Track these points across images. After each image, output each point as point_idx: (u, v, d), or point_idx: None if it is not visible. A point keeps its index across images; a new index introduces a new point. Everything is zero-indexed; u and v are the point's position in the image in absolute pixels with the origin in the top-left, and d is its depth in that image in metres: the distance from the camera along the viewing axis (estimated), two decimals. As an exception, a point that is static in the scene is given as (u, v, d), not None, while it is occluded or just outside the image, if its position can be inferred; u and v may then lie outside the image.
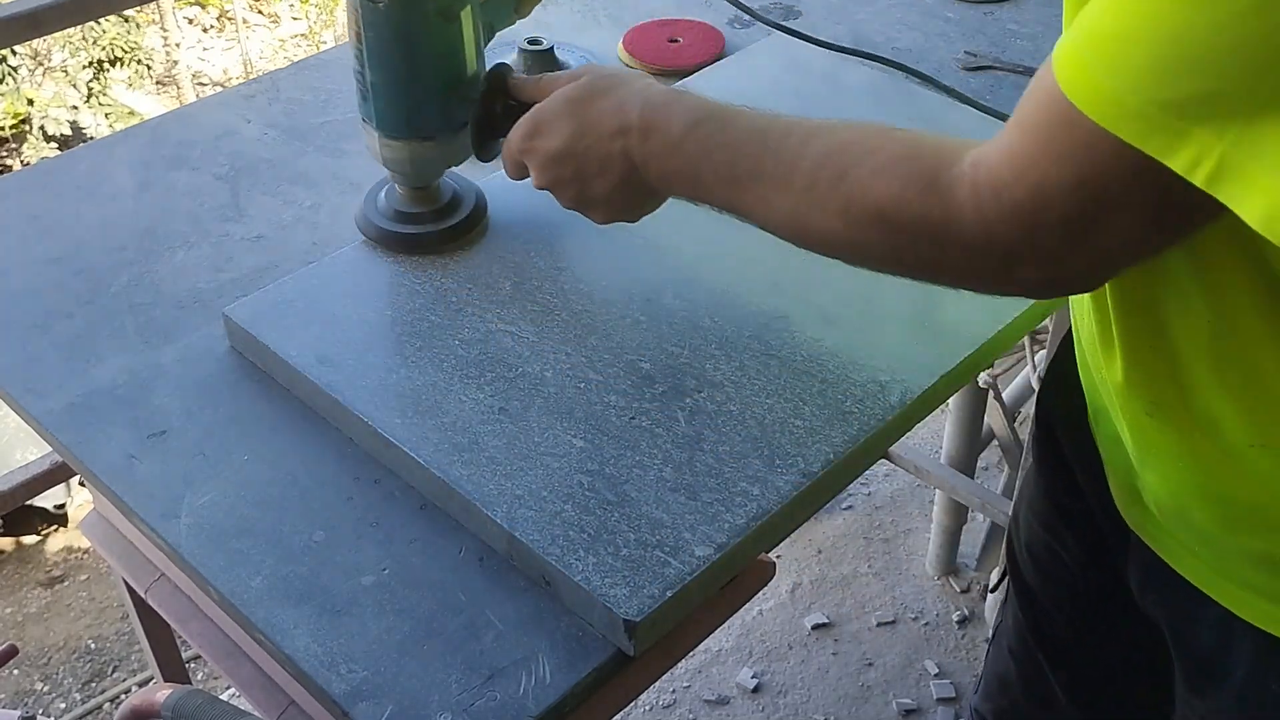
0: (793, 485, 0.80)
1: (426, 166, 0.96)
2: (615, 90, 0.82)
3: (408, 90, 0.91)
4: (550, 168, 0.85)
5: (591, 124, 0.81)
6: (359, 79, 0.92)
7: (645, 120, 0.79)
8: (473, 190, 1.03)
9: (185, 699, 0.81)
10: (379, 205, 1.00)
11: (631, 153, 0.80)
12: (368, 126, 0.94)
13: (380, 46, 0.89)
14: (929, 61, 1.31)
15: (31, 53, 6.33)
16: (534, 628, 0.74)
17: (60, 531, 3.50)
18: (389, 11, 0.87)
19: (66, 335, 0.97)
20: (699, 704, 1.91)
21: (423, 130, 0.93)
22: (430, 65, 0.91)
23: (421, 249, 0.98)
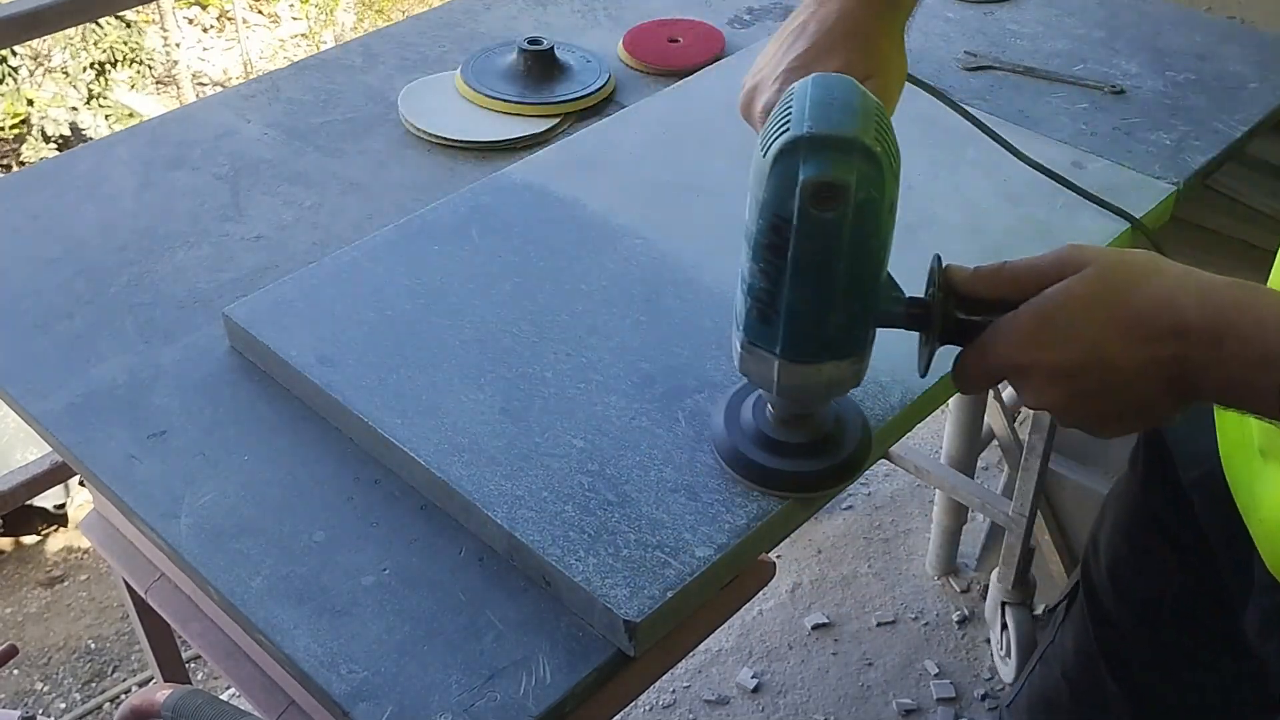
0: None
1: (839, 389, 0.76)
2: (1152, 281, 0.65)
3: (840, 306, 0.70)
4: (1065, 381, 0.66)
5: (1130, 325, 0.64)
6: (757, 297, 0.71)
7: (1214, 322, 0.63)
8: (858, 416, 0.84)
9: (185, 699, 0.81)
10: (743, 425, 0.82)
11: (1188, 360, 0.63)
12: (758, 351, 0.73)
13: (819, 263, 0.68)
14: (929, 61, 1.31)
15: (31, 53, 6.33)
16: (534, 628, 0.74)
17: (60, 531, 3.50)
18: (841, 220, 0.66)
19: (66, 335, 0.97)
20: (699, 704, 1.91)
21: (844, 350, 0.72)
22: (871, 273, 0.70)
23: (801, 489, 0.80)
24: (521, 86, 1.26)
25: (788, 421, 0.80)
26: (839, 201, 0.65)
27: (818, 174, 0.64)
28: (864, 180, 0.64)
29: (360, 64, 1.35)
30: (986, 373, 0.70)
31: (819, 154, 0.64)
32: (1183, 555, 0.94)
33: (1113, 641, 1.02)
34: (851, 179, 0.64)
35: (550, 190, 1.07)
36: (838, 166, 0.64)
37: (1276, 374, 0.62)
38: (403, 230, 1.02)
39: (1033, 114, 1.21)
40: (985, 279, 0.70)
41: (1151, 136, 1.18)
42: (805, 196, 0.65)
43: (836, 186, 0.64)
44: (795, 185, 0.65)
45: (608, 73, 1.28)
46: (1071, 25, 1.38)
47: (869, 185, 0.65)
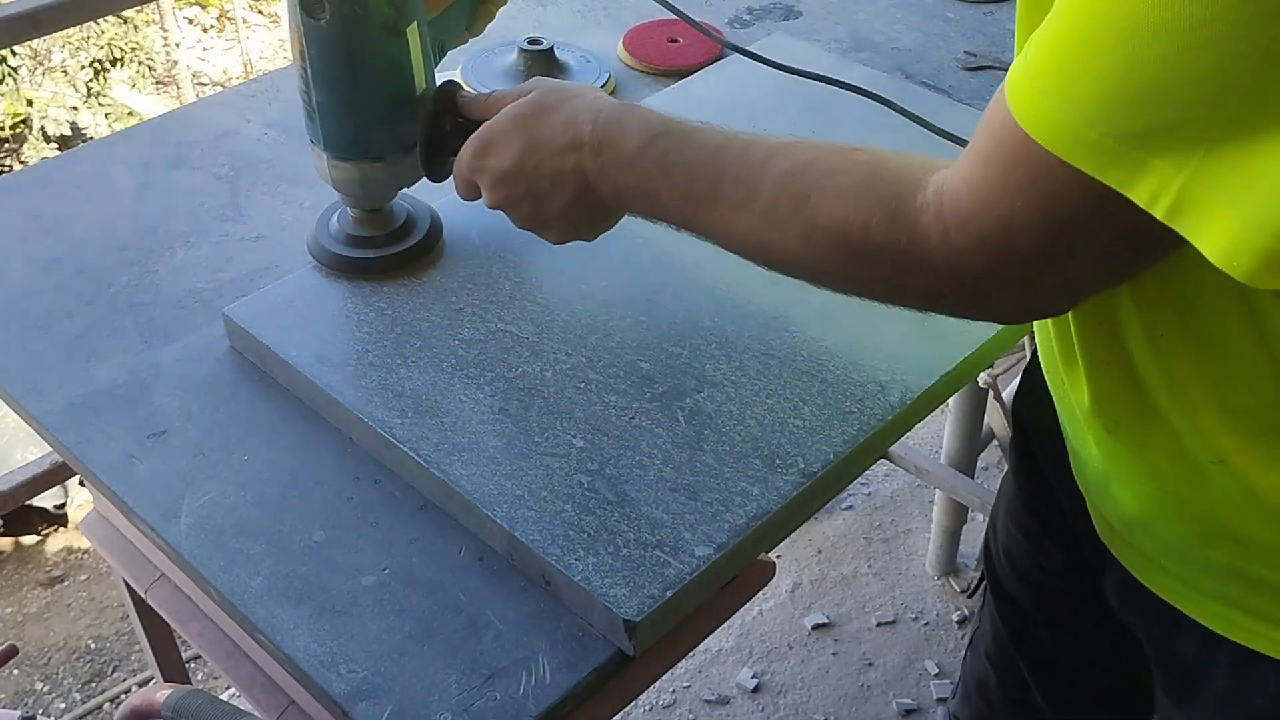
0: (793, 485, 0.80)
1: (377, 188, 0.93)
2: (565, 105, 0.79)
3: (354, 109, 0.88)
4: (501, 186, 0.83)
5: (542, 140, 0.79)
6: (305, 99, 0.89)
7: (598, 135, 0.77)
8: (427, 212, 1.00)
9: (185, 699, 0.81)
10: (331, 229, 0.98)
11: (584, 169, 0.78)
12: (315, 148, 0.91)
13: (324, 64, 0.86)
14: (929, 61, 1.31)
15: (31, 53, 6.33)
16: (534, 628, 0.74)
17: (60, 531, 3.50)
18: (332, 28, 0.84)
19: (66, 335, 0.97)
20: (699, 704, 1.91)
21: (371, 150, 0.90)
22: (376, 83, 0.87)
23: (375, 273, 0.95)
24: (521, 86, 1.26)
25: (359, 218, 0.96)
26: (322, 10, 0.82)
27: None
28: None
29: (360, 64, 1.35)
30: (460, 178, 0.86)
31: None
32: (1054, 534, 0.96)
33: (1016, 620, 1.05)
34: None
35: (550, 190, 1.07)
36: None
37: (632, 174, 0.75)
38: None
39: (1032, 114, 1.21)
40: (475, 102, 0.88)
41: (1151, 136, 1.18)
42: (300, 4, 0.82)
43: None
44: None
45: (608, 73, 1.28)
46: (1071, 25, 1.38)
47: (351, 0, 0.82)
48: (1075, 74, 0.50)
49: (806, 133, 1.09)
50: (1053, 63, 0.51)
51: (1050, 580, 0.99)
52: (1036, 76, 0.52)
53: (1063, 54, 0.50)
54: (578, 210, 0.81)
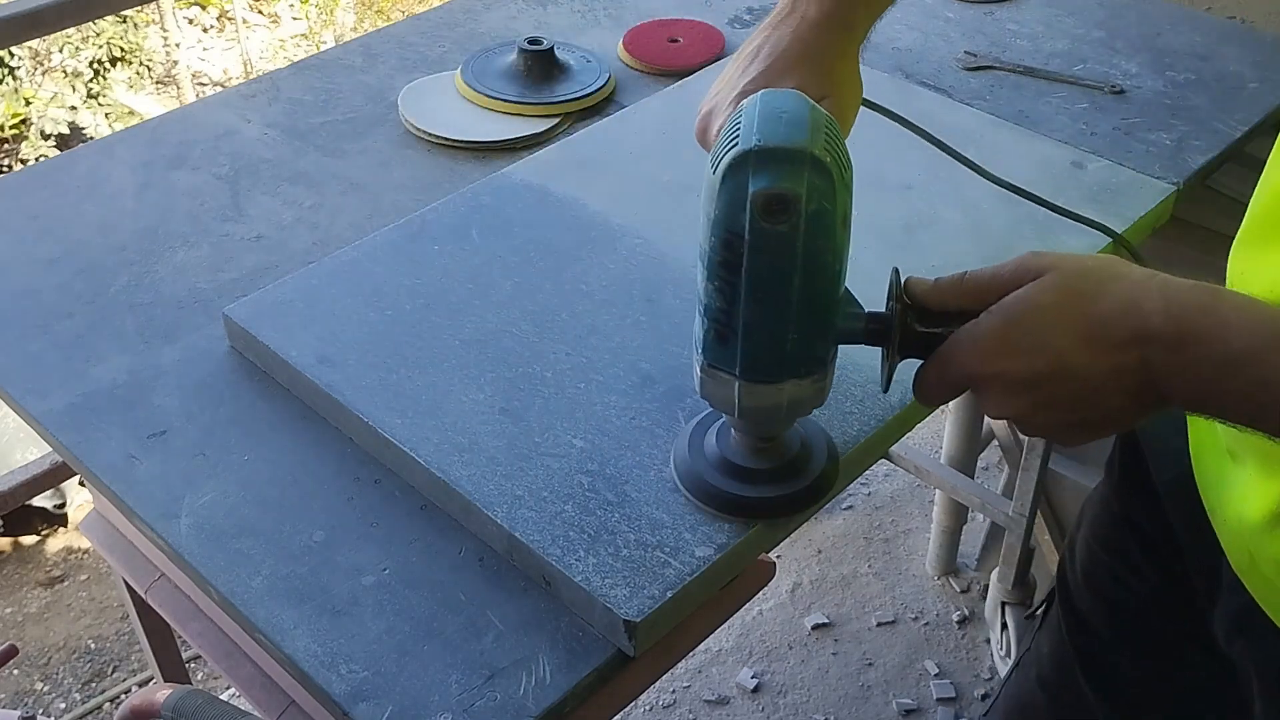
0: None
1: (800, 410, 0.74)
2: (1114, 286, 0.64)
3: (797, 323, 0.68)
4: (1029, 391, 0.65)
5: (1089, 334, 0.63)
6: (714, 317, 0.69)
7: (1178, 326, 0.62)
8: (823, 439, 0.82)
9: (185, 699, 0.81)
10: (707, 453, 0.80)
11: (1152, 366, 0.62)
12: (717, 374, 0.71)
13: (773, 277, 0.66)
14: (929, 61, 1.31)
15: (31, 53, 6.33)
16: (534, 628, 0.74)
17: (60, 531, 3.50)
18: (793, 233, 0.64)
19: (66, 335, 0.97)
20: (699, 704, 1.91)
21: (803, 369, 0.70)
22: (829, 287, 0.68)
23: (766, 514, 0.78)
24: (521, 86, 1.26)
25: (753, 446, 0.78)
26: (790, 213, 0.64)
27: (767, 185, 0.63)
28: (814, 191, 0.64)
29: (360, 64, 1.35)
30: (947, 384, 0.69)
31: (768, 166, 0.64)
32: (1155, 558, 0.94)
33: (1088, 646, 1.02)
34: (802, 190, 0.63)
35: (550, 190, 1.07)
36: (787, 177, 0.63)
37: (1240, 378, 0.61)
38: (403, 230, 1.02)
39: (1033, 114, 1.21)
40: (946, 290, 0.69)
41: (1151, 136, 1.18)
42: (756, 209, 0.64)
43: (786, 198, 0.64)
44: (745, 199, 0.64)
45: (608, 73, 1.28)
46: (1071, 25, 1.38)
47: (820, 196, 0.64)
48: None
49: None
50: None
51: (1139, 603, 0.96)
52: None
53: None
54: (1131, 410, 0.66)
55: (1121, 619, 0.99)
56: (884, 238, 1.01)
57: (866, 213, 1.04)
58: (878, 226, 1.02)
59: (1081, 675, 1.03)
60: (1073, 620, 1.03)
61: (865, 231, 1.02)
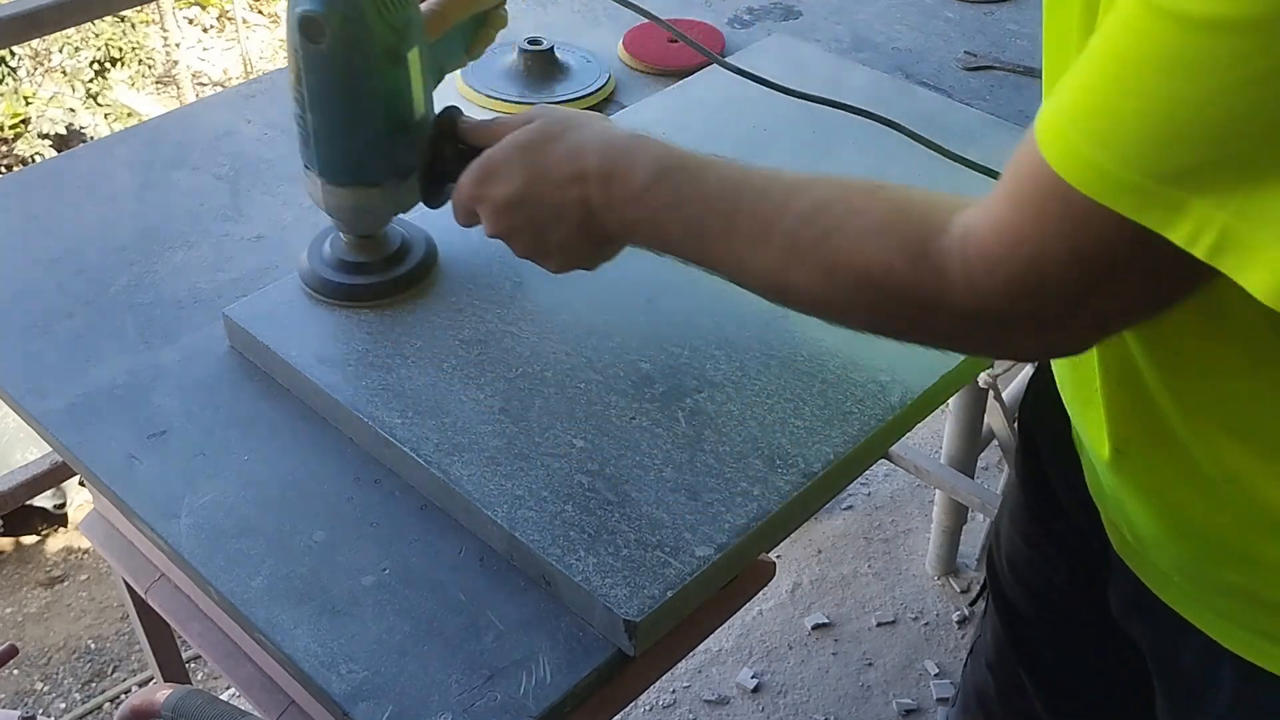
0: (793, 485, 0.80)
1: (373, 214, 0.91)
2: (570, 134, 0.77)
3: (352, 135, 0.85)
4: (502, 216, 0.80)
5: (545, 170, 0.77)
6: (300, 123, 0.86)
7: (605, 167, 0.75)
8: (423, 237, 0.98)
9: (185, 699, 0.81)
10: (324, 255, 0.95)
11: (589, 200, 0.75)
12: (310, 173, 0.88)
13: (322, 90, 0.83)
14: (929, 61, 1.31)
15: (31, 53, 6.33)
16: (534, 628, 0.74)
17: (60, 531, 3.50)
18: (332, 53, 0.81)
19: (66, 335, 0.97)
20: (699, 704, 1.91)
21: (368, 176, 0.87)
22: (376, 109, 0.84)
23: (369, 299, 0.93)
24: (521, 86, 1.26)
25: (353, 243, 0.94)
26: (322, 34, 0.79)
27: (304, 8, 0.79)
28: (346, 19, 0.79)
29: (360, 64, 1.35)
30: (460, 203, 0.84)
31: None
32: (1062, 545, 0.96)
33: (1018, 630, 1.04)
34: (335, 16, 0.79)
35: (550, 190, 1.07)
36: (320, 1, 0.79)
37: (642, 207, 0.73)
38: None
39: (1033, 114, 1.21)
40: (477, 129, 0.86)
41: (1151, 136, 1.18)
42: (299, 28, 0.80)
43: (316, 19, 0.79)
44: (294, 20, 0.80)
45: (608, 73, 1.28)
46: (1071, 25, 1.38)
47: (351, 25, 0.79)
48: (1111, 115, 0.49)
49: (806, 132, 1.09)
50: (1087, 104, 0.50)
51: (1053, 589, 0.99)
52: (1069, 118, 0.51)
53: (1098, 94, 0.50)
54: (580, 241, 0.79)
55: (1040, 603, 1.01)
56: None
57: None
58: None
59: (1016, 660, 1.05)
60: (1002, 606, 1.06)
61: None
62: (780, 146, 1.10)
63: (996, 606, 1.07)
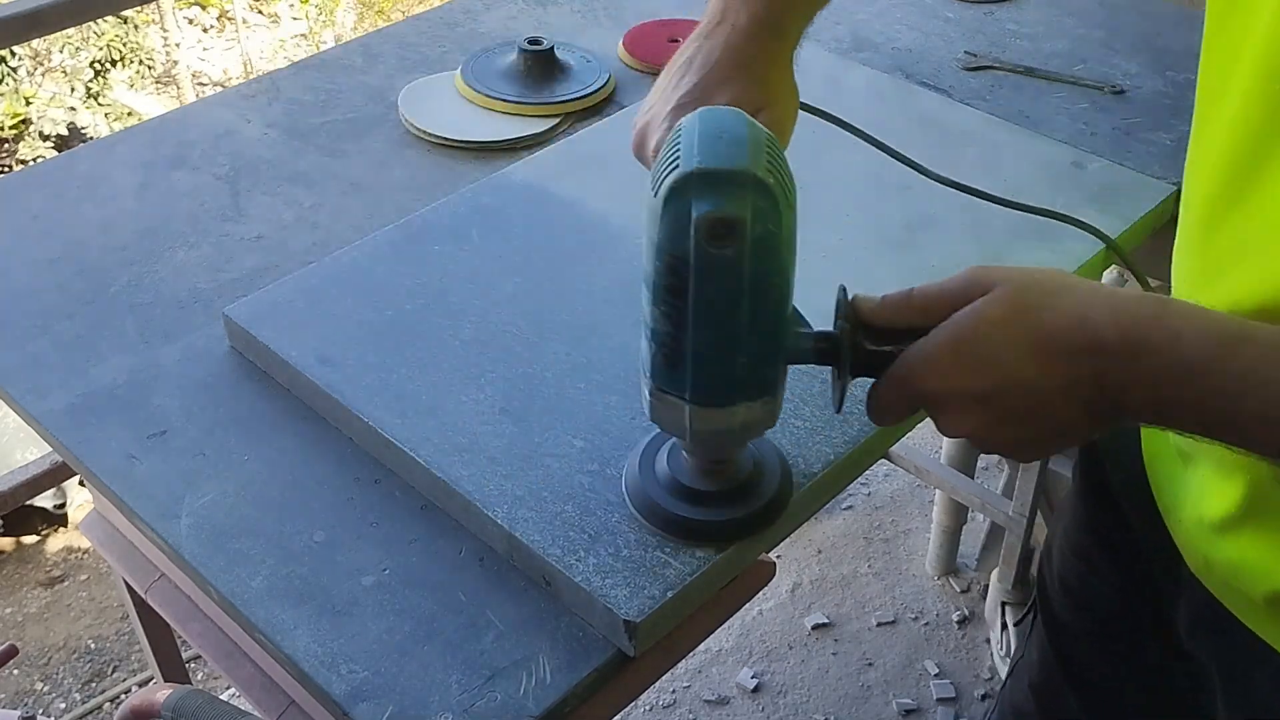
0: (793, 485, 0.80)
1: (753, 432, 0.73)
2: (1064, 298, 0.63)
3: (743, 347, 0.67)
4: (982, 407, 0.64)
5: (1045, 345, 0.62)
6: (662, 340, 0.68)
7: (1127, 336, 0.61)
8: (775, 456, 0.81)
9: (185, 699, 0.81)
10: (658, 474, 0.79)
11: (1106, 377, 0.62)
12: (667, 397, 0.70)
13: (720, 302, 0.65)
14: (929, 61, 1.31)
15: (31, 53, 6.33)
16: (534, 628, 0.74)
17: (60, 531, 3.50)
18: (739, 257, 0.63)
19: (66, 335, 0.97)
20: (699, 704, 1.91)
21: (752, 391, 0.69)
22: (777, 310, 0.68)
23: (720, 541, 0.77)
24: (521, 86, 1.26)
25: (704, 468, 0.77)
26: (734, 237, 0.63)
27: (711, 210, 0.62)
28: (759, 214, 0.63)
29: (360, 64, 1.35)
30: (900, 403, 0.68)
31: (711, 189, 0.62)
32: (1120, 561, 0.94)
33: (1068, 649, 1.03)
34: (746, 213, 0.62)
35: (550, 190, 1.07)
36: (731, 200, 0.62)
37: (1193, 387, 0.61)
38: (403, 230, 1.02)
39: (1033, 114, 1.21)
40: (893, 307, 0.68)
41: (1151, 136, 1.18)
42: (700, 234, 0.63)
43: (731, 221, 0.63)
44: (689, 223, 0.62)
45: (608, 73, 1.28)
46: (1071, 25, 1.38)
47: (764, 218, 0.63)
48: None
49: (806, 132, 1.09)
50: None
51: (1108, 606, 0.97)
52: None
53: None
54: (1086, 424, 0.65)
55: (1095, 623, 1.00)
56: (884, 237, 1.01)
57: (867, 212, 1.04)
58: (878, 226, 1.02)
59: (1063, 679, 1.04)
60: (1052, 624, 1.04)
61: (865, 231, 1.02)
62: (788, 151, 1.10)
63: (1046, 625, 1.04)
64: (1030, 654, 1.09)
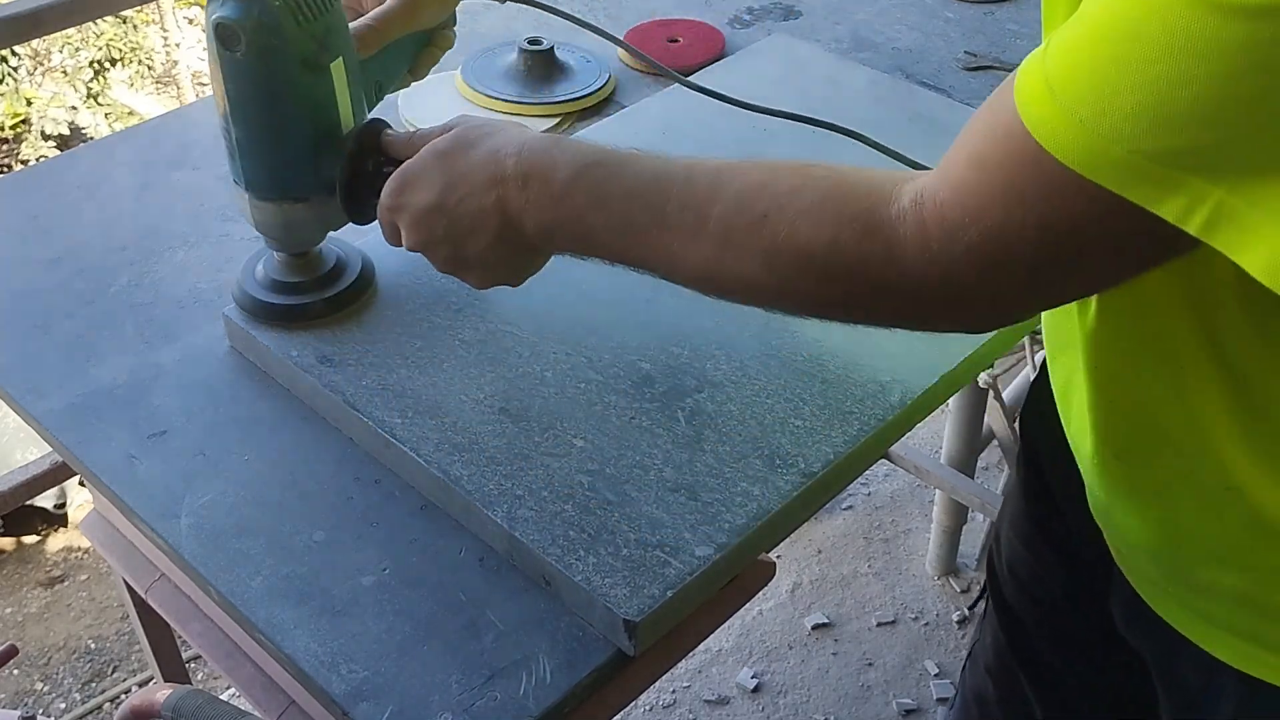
0: (793, 485, 0.80)
1: (301, 230, 0.88)
2: (488, 139, 0.74)
3: (275, 148, 0.82)
4: (420, 227, 0.77)
5: (462, 176, 0.74)
6: (225, 136, 0.83)
7: (523, 168, 0.71)
8: (358, 255, 0.95)
9: (185, 699, 0.81)
10: (256, 275, 0.92)
11: (507, 204, 0.72)
12: (237, 188, 0.86)
13: (242, 100, 0.80)
14: (929, 61, 1.31)
15: (31, 53, 6.33)
16: (534, 628, 0.74)
17: (60, 531, 3.50)
18: (249, 62, 0.78)
19: (66, 335, 0.97)
20: (699, 704, 1.91)
21: (294, 191, 0.84)
22: (297, 120, 0.81)
23: (303, 320, 0.91)
24: (521, 86, 1.26)
25: (286, 261, 0.91)
26: (238, 42, 0.76)
27: (219, 15, 0.76)
28: (262, 28, 0.76)
29: (360, 64, 1.35)
30: (382, 217, 0.81)
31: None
32: (1061, 551, 0.95)
33: (1018, 635, 1.04)
34: (247, 23, 0.75)
35: (550, 190, 1.07)
36: (235, 10, 0.75)
37: (560, 209, 0.71)
38: (403, 230, 1.02)
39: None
40: (398, 140, 0.82)
41: (1151, 136, 1.17)
42: (215, 35, 0.77)
43: (232, 27, 0.76)
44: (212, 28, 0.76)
45: (608, 73, 1.28)
46: (1071, 25, 1.38)
47: (267, 33, 0.76)
48: (1105, 88, 0.47)
49: (806, 132, 1.09)
50: (1080, 74, 0.48)
51: (1053, 595, 0.98)
52: (1058, 87, 0.49)
53: (1093, 66, 0.48)
54: (500, 250, 0.75)
55: (1040, 608, 1.01)
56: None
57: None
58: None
59: (1015, 663, 1.05)
60: (1003, 610, 1.05)
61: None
62: (781, 147, 1.10)
63: (996, 610, 1.06)
64: (985, 637, 1.10)
